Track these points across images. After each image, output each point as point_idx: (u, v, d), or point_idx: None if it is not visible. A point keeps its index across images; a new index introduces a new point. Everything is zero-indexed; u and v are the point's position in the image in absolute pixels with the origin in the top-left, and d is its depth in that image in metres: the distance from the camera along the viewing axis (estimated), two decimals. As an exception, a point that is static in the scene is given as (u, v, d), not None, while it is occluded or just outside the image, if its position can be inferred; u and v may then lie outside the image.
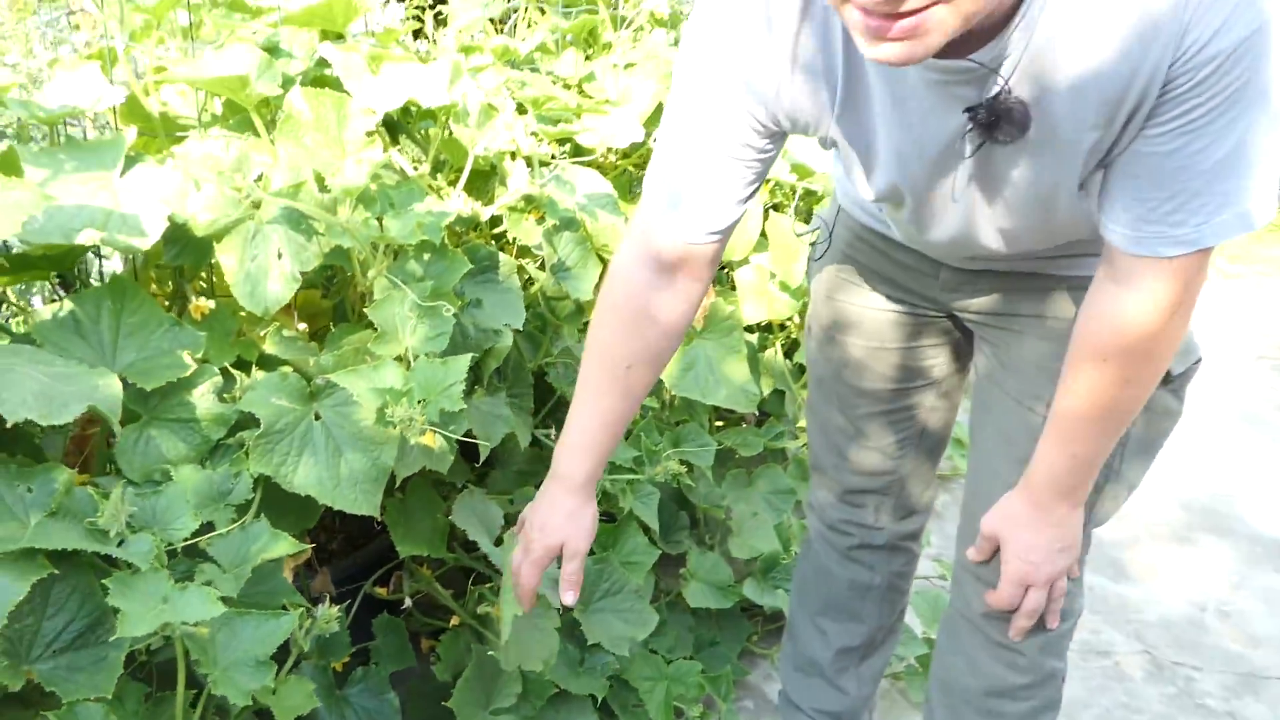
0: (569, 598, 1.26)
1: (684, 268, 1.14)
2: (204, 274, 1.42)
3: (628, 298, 1.16)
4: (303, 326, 1.48)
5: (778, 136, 1.07)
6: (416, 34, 2.15)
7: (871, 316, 1.38)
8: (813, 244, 1.44)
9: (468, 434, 1.39)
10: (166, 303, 1.42)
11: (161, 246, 1.30)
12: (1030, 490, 1.19)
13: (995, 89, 0.92)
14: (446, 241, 1.35)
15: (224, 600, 1.01)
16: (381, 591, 1.62)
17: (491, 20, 2.19)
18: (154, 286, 1.42)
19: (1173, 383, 1.21)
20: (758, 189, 1.11)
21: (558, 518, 1.26)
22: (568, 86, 2.01)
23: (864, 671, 1.63)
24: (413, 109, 1.47)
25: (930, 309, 1.36)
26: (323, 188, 1.25)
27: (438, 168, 1.50)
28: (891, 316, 1.37)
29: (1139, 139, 0.93)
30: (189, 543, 1.07)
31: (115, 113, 1.34)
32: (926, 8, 0.77)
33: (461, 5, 2.13)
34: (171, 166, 1.25)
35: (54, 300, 1.26)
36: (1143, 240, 0.96)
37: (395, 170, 1.36)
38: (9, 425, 0.93)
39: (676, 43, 2.15)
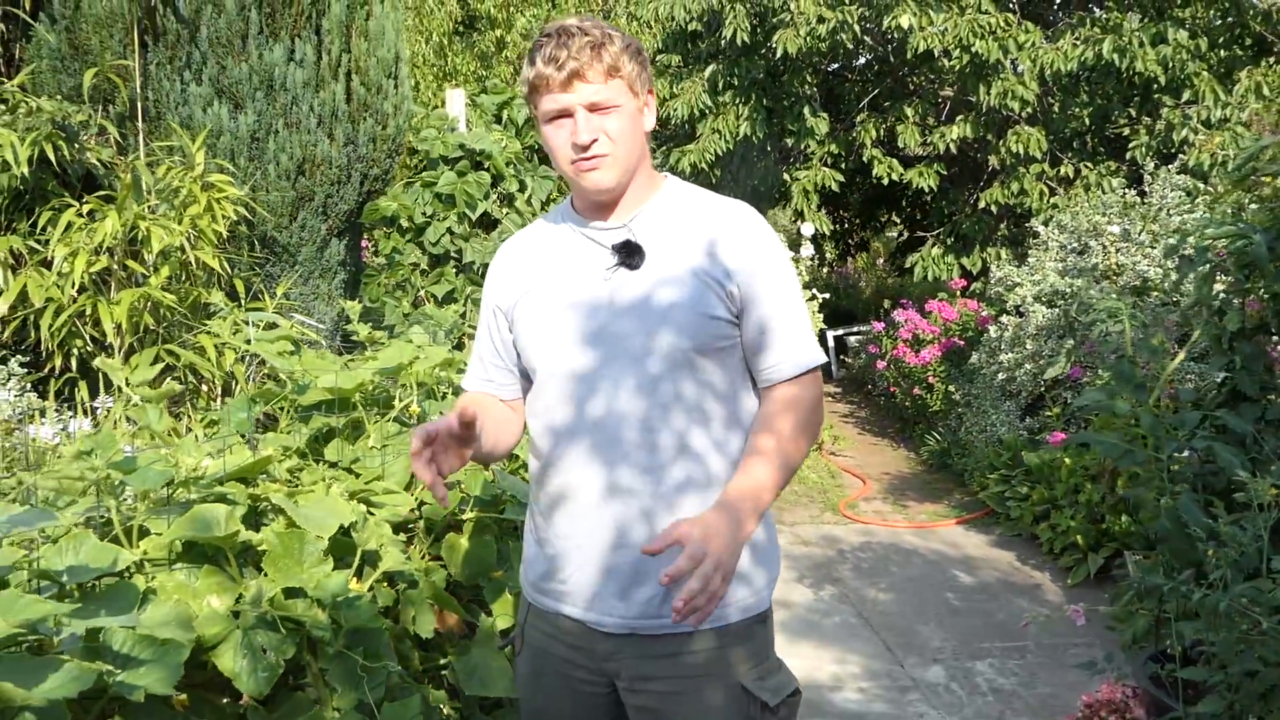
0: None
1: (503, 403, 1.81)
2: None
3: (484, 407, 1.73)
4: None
5: (509, 332, 1.75)
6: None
7: (556, 688, 1.74)
8: (510, 648, 1.92)
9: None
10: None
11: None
12: (731, 508, 1.49)
13: (627, 236, 1.64)
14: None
15: None
16: None
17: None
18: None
19: (779, 714, 1.64)
20: (509, 373, 1.78)
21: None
22: (336, 466, 2.60)
23: None
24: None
25: (603, 681, 1.71)
26: (290, 594, 1.77)
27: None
28: (572, 688, 1.73)
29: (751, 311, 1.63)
30: None
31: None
32: (601, 156, 1.58)
33: (225, 413, 2.67)
34: (172, 601, 1.70)
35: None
36: (791, 366, 1.64)
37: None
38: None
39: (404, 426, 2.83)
